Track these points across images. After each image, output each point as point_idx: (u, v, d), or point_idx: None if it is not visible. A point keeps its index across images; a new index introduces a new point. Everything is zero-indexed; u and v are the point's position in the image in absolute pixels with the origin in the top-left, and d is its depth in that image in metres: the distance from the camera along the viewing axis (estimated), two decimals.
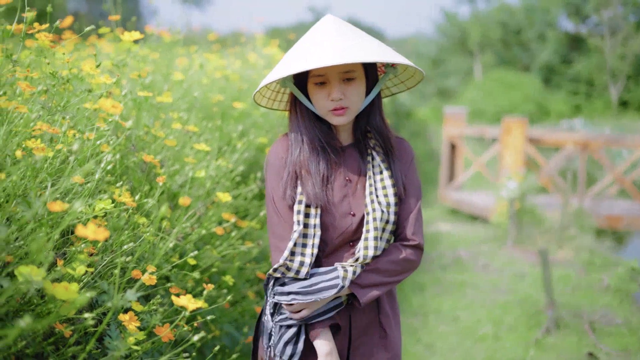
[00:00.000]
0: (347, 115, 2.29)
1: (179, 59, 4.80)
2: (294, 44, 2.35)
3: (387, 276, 2.32)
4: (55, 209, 1.71)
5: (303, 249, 2.28)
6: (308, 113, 2.36)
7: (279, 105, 2.59)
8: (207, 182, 3.39)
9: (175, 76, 3.94)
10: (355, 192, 2.37)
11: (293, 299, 2.27)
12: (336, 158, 2.38)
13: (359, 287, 2.28)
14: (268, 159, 2.44)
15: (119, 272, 2.01)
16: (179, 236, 3.01)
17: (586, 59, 33.08)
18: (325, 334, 2.29)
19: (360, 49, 2.17)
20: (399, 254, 2.34)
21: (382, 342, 2.42)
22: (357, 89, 2.28)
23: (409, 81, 2.52)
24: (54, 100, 2.47)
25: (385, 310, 2.43)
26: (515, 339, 5.48)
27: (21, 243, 1.95)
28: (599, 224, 9.32)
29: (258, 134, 4.63)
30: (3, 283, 1.78)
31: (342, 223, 2.33)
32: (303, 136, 2.36)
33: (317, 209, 2.30)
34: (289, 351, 2.34)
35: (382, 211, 2.29)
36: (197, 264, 3.13)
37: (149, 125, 3.21)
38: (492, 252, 8.56)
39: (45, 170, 1.98)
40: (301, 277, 2.26)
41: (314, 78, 2.27)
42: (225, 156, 3.81)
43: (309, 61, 2.14)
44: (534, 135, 10.72)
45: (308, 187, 2.30)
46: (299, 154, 2.34)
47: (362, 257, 2.25)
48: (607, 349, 5.21)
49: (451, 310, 6.24)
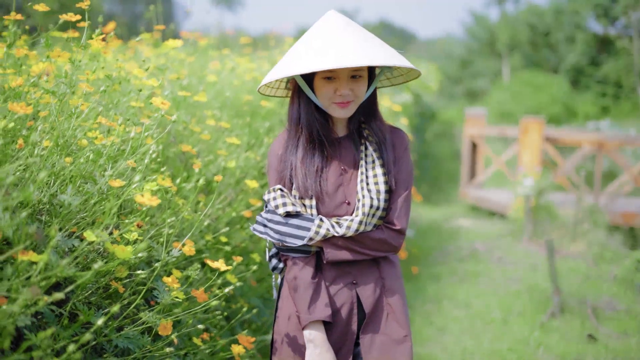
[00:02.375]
0: (350, 109, 2.43)
1: (212, 63, 5.26)
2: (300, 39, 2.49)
3: (360, 247, 2.44)
4: (115, 185, 2.19)
5: (293, 206, 2.46)
6: (309, 104, 2.47)
7: (275, 92, 2.70)
8: (237, 172, 3.84)
9: (209, 78, 4.42)
10: (349, 182, 2.49)
11: (266, 233, 2.50)
12: (332, 149, 2.50)
13: (329, 244, 2.44)
14: (268, 157, 2.61)
15: (165, 237, 2.46)
16: (212, 217, 3.48)
17: (614, 60, 32.98)
18: (312, 326, 2.43)
19: (382, 52, 2.32)
20: (380, 234, 2.46)
21: (392, 317, 2.53)
22: (363, 86, 2.43)
23: (396, 78, 2.68)
24: (105, 98, 2.95)
25: (390, 288, 2.55)
26: (522, 322, 5.89)
27: (85, 214, 2.41)
28: (615, 220, 9.62)
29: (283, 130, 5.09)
30: (74, 242, 2.24)
31: (337, 211, 2.47)
32: (302, 127, 2.48)
33: (312, 200, 2.45)
34: (271, 264, 2.62)
35: (372, 198, 2.41)
36: (228, 242, 3.58)
37: (186, 121, 3.68)
38: (508, 246, 8.95)
39: (107, 154, 2.44)
40: (279, 213, 2.45)
41: (323, 73, 2.38)
42: (254, 149, 4.27)
43: (328, 60, 2.25)
44: (551, 135, 11.06)
45: (299, 180, 2.46)
46: (296, 146, 2.49)
47: (343, 231, 2.39)
48: (607, 332, 5.60)
49: (464, 297, 6.65)
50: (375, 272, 2.54)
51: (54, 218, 2.29)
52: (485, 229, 10.30)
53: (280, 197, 2.48)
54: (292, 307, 2.54)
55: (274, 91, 2.70)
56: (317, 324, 2.44)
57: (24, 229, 1.99)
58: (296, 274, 2.48)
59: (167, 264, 2.72)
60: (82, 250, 2.17)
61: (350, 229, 2.40)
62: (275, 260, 2.63)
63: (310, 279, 2.46)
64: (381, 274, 2.55)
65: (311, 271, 2.47)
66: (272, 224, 2.49)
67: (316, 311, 2.43)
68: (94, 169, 2.44)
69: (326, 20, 2.46)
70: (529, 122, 10.75)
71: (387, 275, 2.56)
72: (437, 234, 9.79)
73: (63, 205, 2.15)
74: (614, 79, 33.14)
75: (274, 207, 2.48)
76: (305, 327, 2.45)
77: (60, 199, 2.13)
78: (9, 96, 2.33)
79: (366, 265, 2.54)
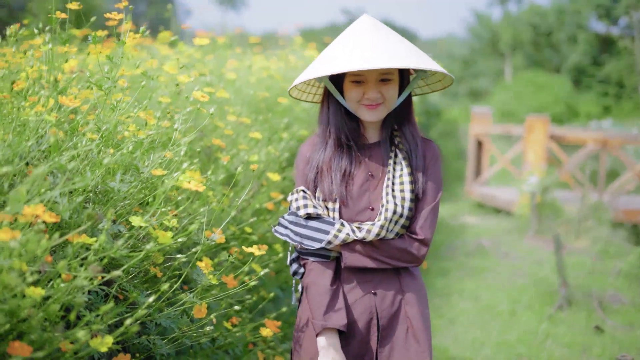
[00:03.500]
0: (379, 111, 2.40)
1: (230, 61, 5.42)
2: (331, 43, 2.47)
3: (380, 255, 2.39)
4: (157, 173, 2.34)
5: (315, 208, 2.43)
6: (339, 108, 2.45)
7: (307, 97, 2.72)
8: (261, 165, 3.99)
9: (228, 76, 4.57)
10: (376, 188, 2.44)
11: (287, 235, 2.47)
12: (361, 154, 2.47)
13: (348, 250, 2.39)
14: (296, 160, 2.60)
15: (200, 225, 2.61)
16: (237, 208, 3.62)
17: (616, 60, 33.08)
18: (327, 333, 2.36)
19: (405, 55, 2.29)
20: (402, 243, 2.39)
21: (411, 333, 2.46)
22: (393, 90, 2.39)
23: (435, 85, 2.62)
24: (140, 93, 3.10)
25: (411, 301, 2.48)
26: (529, 314, 6.04)
27: (128, 201, 2.56)
28: (618, 217, 9.76)
29: (300, 127, 5.23)
30: (120, 228, 2.39)
31: (360, 217, 2.43)
32: (330, 130, 2.46)
33: (335, 203, 2.42)
34: (292, 269, 2.55)
35: (396, 204, 2.36)
36: (252, 232, 3.73)
37: (212, 116, 3.82)
38: (514, 242, 9.11)
39: (149, 146, 2.58)
40: (299, 214, 2.44)
41: (352, 77, 2.38)
42: (273, 144, 4.41)
43: (353, 62, 2.23)
44: (555, 133, 11.21)
45: (325, 184, 2.44)
46: (324, 150, 2.46)
47: (363, 235, 2.35)
48: (614, 324, 5.75)
49: (472, 291, 6.80)
50: (396, 283, 2.48)
51: (97, 205, 2.43)
52: (491, 225, 10.45)
53: (302, 199, 2.45)
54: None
55: (305, 96, 2.71)
56: (332, 331, 2.37)
57: (83, 212, 2.14)
58: (314, 279, 2.44)
59: (199, 251, 2.87)
60: (131, 234, 2.31)
61: (370, 233, 2.34)
62: (296, 265, 2.56)
63: (329, 285, 2.41)
64: (402, 285, 2.48)
65: (330, 277, 2.42)
66: (293, 226, 2.46)
67: (332, 319, 2.36)
68: (137, 159, 2.59)
69: (357, 23, 2.45)
70: (535, 120, 10.90)
71: (407, 287, 2.49)
72: (444, 230, 9.93)
73: (112, 192, 2.30)
74: (615, 78, 33.24)
75: (295, 209, 2.46)
76: (319, 334, 2.38)
77: (110, 185, 2.27)
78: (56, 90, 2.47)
79: (387, 275, 2.47)
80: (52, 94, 2.32)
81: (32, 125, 2.18)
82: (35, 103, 2.35)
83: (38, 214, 1.67)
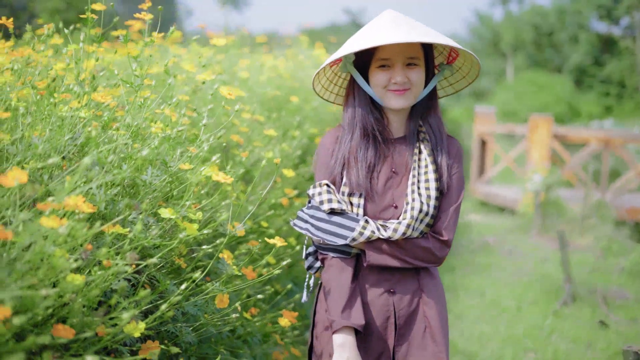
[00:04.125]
0: (407, 98, 2.33)
1: (241, 60, 5.52)
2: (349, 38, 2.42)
3: (404, 254, 2.34)
4: (184, 167, 2.45)
5: (339, 203, 2.36)
6: (365, 98, 2.39)
7: (329, 96, 2.66)
8: (279, 161, 4.10)
9: (241, 75, 4.68)
10: (399, 185, 2.39)
11: (307, 229, 2.41)
12: (385, 148, 2.41)
13: (371, 248, 2.34)
14: (317, 151, 2.53)
15: (225, 219, 2.71)
16: (254, 203, 3.73)
17: (617, 60, 33.24)
18: (344, 331, 2.31)
19: (428, 34, 2.23)
20: (426, 242, 2.34)
21: (429, 332, 2.43)
22: (419, 75, 2.32)
23: (458, 83, 2.59)
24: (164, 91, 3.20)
25: (429, 302, 2.44)
26: (535, 310, 6.14)
27: (156, 194, 2.66)
28: (621, 216, 9.87)
29: (310, 125, 5.34)
30: (149, 220, 2.49)
31: (384, 214, 2.37)
32: (357, 119, 2.39)
33: (360, 198, 2.36)
34: (307, 262, 2.53)
35: (422, 202, 2.30)
36: (268, 227, 3.83)
37: (228, 114, 3.93)
38: (518, 240, 9.22)
39: (175, 140, 2.68)
40: (323, 209, 2.37)
41: (378, 61, 2.32)
42: (287, 142, 4.52)
43: (378, 39, 2.19)
44: (559, 132, 11.33)
45: (352, 175, 2.36)
46: (350, 140, 2.39)
47: (389, 234, 2.30)
48: (617, 319, 5.85)
49: (478, 287, 6.91)
50: (414, 282, 2.43)
51: (124, 198, 2.53)
52: (495, 223, 10.56)
53: (326, 193, 2.38)
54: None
55: (328, 94, 2.66)
56: (348, 330, 2.32)
57: (117, 204, 2.24)
58: (333, 275, 2.38)
59: (223, 243, 2.97)
60: (162, 226, 2.41)
61: (397, 232, 2.29)
62: (312, 259, 2.53)
63: (349, 282, 2.35)
64: (420, 285, 2.43)
65: (350, 274, 2.37)
66: (314, 220, 2.39)
67: (350, 318, 2.31)
68: (165, 153, 2.69)
69: (380, 15, 2.40)
70: (538, 119, 11.01)
71: (426, 287, 2.44)
72: None
73: (143, 185, 2.40)
74: (617, 78, 33.36)
75: (318, 203, 2.39)
76: (336, 332, 2.32)
77: (142, 178, 2.38)
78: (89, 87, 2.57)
79: (406, 274, 2.42)
80: (88, 91, 2.42)
81: (68, 121, 2.28)
82: (67, 100, 2.45)
83: (78, 204, 1.76)
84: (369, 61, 2.36)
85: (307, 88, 5.94)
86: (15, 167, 2.14)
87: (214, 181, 3.17)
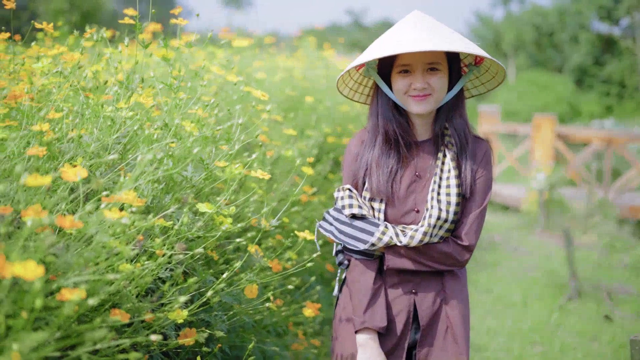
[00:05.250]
0: (428, 103, 2.31)
1: (255, 62, 5.68)
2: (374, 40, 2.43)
3: (424, 258, 2.35)
4: (220, 165, 2.60)
5: (360, 208, 2.40)
6: (388, 103, 2.39)
7: (359, 97, 2.66)
8: (298, 160, 4.24)
9: (258, 75, 4.83)
10: (422, 189, 2.38)
11: (331, 232, 2.47)
12: (408, 153, 2.40)
13: (391, 252, 2.37)
14: (344, 155, 2.55)
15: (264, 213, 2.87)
16: (276, 199, 3.89)
17: (618, 60, 33.37)
18: (366, 331, 2.37)
19: (445, 40, 2.20)
20: (446, 247, 2.35)
21: (450, 333, 2.43)
22: (440, 80, 2.31)
23: (489, 83, 2.55)
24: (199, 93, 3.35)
25: (452, 302, 2.44)
26: (541, 305, 6.31)
27: (189, 190, 2.81)
28: (623, 214, 10.02)
29: (326, 125, 5.50)
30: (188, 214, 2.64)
31: (405, 219, 2.38)
32: (379, 124, 2.40)
33: (382, 203, 2.38)
34: (338, 259, 2.55)
35: (440, 209, 2.29)
36: (289, 222, 3.98)
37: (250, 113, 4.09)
38: (523, 237, 9.39)
39: (210, 139, 2.84)
40: (345, 214, 2.41)
41: (399, 67, 2.32)
42: (303, 141, 4.67)
43: (392, 48, 2.19)
44: (562, 132, 11.49)
45: (373, 181, 2.38)
46: (373, 145, 2.41)
47: (406, 241, 2.31)
48: (622, 313, 6.01)
49: (486, 283, 7.07)
50: (438, 283, 2.45)
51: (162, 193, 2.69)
52: (500, 221, 10.72)
53: (348, 198, 2.42)
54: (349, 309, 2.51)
55: (358, 96, 2.68)
56: (370, 329, 2.37)
57: (175, 197, 2.40)
58: (357, 276, 2.43)
59: (252, 237, 3.12)
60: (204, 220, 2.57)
61: (414, 239, 2.30)
62: (342, 256, 2.56)
63: (371, 283, 2.39)
64: (444, 286, 2.45)
65: (372, 275, 2.40)
66: (338, 224, 2.44)
67: (373, 319, 2.36)
68: (201, 151, 2.84)
69: (406, 17, 2.40)
70: (542, 119, 11.18)
71: (449, 287, 2.45)
72: None
73: (186, 180, 2.56)
74: (617, 78, 33.47)
75: (340, 207, 2.43)
76: (358, 331, 2.38)
77: (184, 174, 2.53)
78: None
79: (429, 275, 2.44)
80: (134, 92, 2.57)
81: (116, 121, 2.43)
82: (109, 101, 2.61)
83: (130, 198, 1.91)
84: (391, 66, 2.36)
85: (318, 88, 6.09)
86: (67, 164, 2.30)
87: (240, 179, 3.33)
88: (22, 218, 1.60)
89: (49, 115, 2.28)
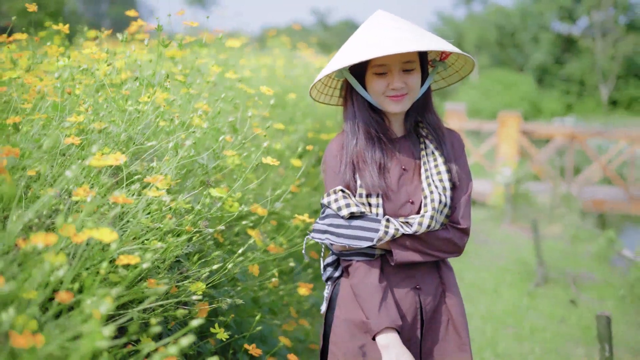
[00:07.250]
0: (405, 102, 2.33)
1: (241, 60, 5.93)
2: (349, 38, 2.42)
3: (428, 247, 2.32)
4: (228, 154, 2.87)
5: (357, 207, 2.34)
6: (364, 103, 2.39)
7: (324, 98, 2.64)
8: (286, 152, 4.51)
9: (245, 73, 5.09)
10: (412, 181, 2.38)
11: (327, 239, 2.36)
12: (391, 147, 2.40)
13: (396, 246, 2.31)
14: (325, 159, 2.48)
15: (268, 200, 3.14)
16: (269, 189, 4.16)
17: (578, 60, 34.05)
18: (385, 331, 2.26)
19: (422, 39, 2.21)
20: (446, 233, 2.33)
21: (452, 324, 2.42)
22: (416, 79, 2.32)
23: (450, 77, 2.60)
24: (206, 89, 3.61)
25: (450, 294, 2.44)
26: (511, 291, 6.67)
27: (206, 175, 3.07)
28: (586, 207, 10.46)
29: (309, 120, 5.77)
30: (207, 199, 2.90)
31: (402, 211, 2.35)
32: (359, 125, 2.39)
33: (378, 198, 2.33)
34: (326, 274, 2.51)
35: (440, 194, 2.30)
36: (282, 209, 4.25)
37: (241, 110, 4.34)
38: (491, 229, 9.77)
39: (220, 131, 3.10)
40: (342, 215, 2.33)
41: (375, 68, 2.30)
42: (289, 135, 4.94)
43: (373, 50, 2.17)
44: (527, 128, 11.89)
45: (366, 177, 2.33)
46: (355, 145, 2.37)
47: (415, 229, 2.27)
48: (586, 298, 6.39)
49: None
50: (436, 277, 2.43)
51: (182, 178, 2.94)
52: None
53: (343, 199, 2.34)
54: (350, 313, 2.42)
55: (324, 97, 2.65)
56: (390, 328, 2.26)
57: (200, 179, 2.66)
58: (361, 278, 2.34)
59: (258, 220, 3.37)
60: (221, 202, 2.82)
61: (422, 225, 2.27)
62: (331, 269, 2.51)
63: (377, 283, 2.32)
64: (442, 279, 2.44)
65: (377, 275, 2.33)
66: (334, 228, 2.35)
67: (389, 317, 2.27)
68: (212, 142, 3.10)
69: (372, 18, 2.41)
70: (507, 116, 11.58)
71: (446, 280, 2.45)
72: None
73: (202, 167, 2.82)
74: (577, 77, 34.13)
75: (336, 209, 2.35)
76: (377, 334, 2.27)
77: (199, 161, 2.80)
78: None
79: (428, 269, 2.41)
80: (156, 88, 2.83)
81: (140, 115, 2.69)
82: (129, 96, 2.86)
83: (156, 181, 2.16)
84: (365, 67, 2.35)
85: (299, 85, 6.35)
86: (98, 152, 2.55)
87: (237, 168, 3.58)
88: (71, 197, 1.85)
89: (79, 108, 2.54)
